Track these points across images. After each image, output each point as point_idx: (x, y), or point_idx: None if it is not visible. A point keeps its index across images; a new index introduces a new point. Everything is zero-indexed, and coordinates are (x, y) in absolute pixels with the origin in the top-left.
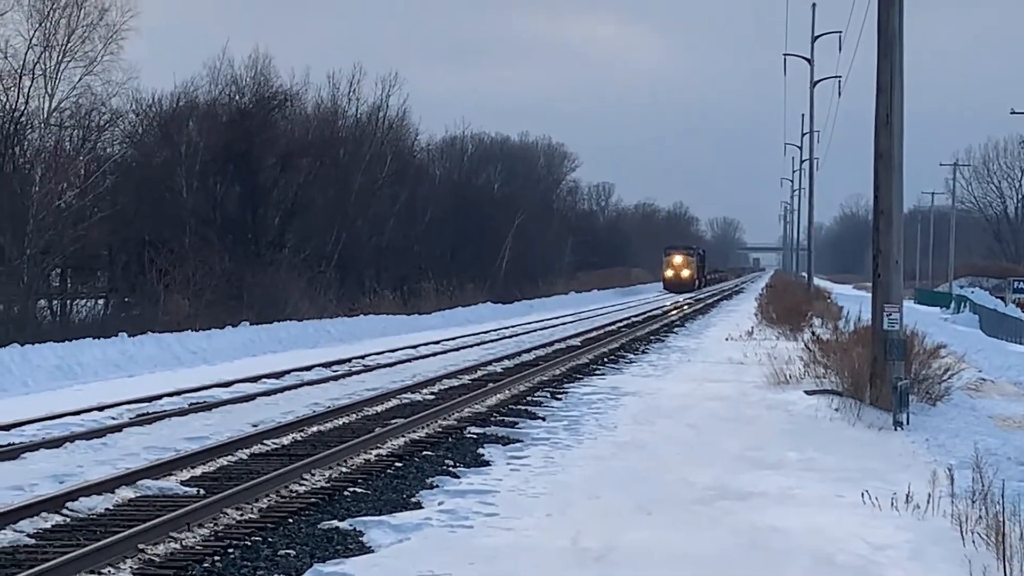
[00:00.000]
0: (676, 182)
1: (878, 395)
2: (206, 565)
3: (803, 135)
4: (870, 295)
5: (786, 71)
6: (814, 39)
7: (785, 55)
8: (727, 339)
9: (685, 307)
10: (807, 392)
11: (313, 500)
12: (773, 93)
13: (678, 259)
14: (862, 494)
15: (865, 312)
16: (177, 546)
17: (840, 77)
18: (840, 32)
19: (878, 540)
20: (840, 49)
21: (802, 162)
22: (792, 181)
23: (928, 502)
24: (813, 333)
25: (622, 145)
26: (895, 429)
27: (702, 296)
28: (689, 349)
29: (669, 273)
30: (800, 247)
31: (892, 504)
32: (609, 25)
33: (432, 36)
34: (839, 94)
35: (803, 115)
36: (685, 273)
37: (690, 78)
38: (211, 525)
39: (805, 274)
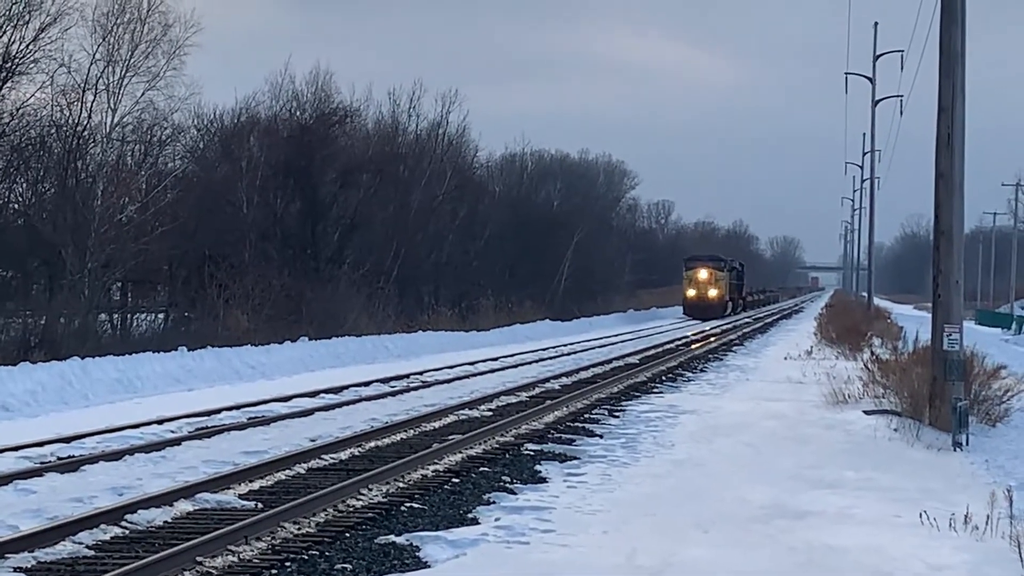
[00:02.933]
0: (736, 200)
1: (937, 415)
2: None
3: (864, 154)
4: (930, 315)
5: (847, 90)
6: (876, 58)
7: (847, 74)
8: (786, 358)
9: (744, 327)
10: (866, 412)
11: (370, 515)
12: (834, 111)
13: (703, 274)
14: (920, 514)
15: (925, 332)
16: (235, 559)
17: (902, 96)
18: (902, 51)
19: (936, 561)
20: (902, 68)
21: (863, 181)
22: (853, 200)
23: (987, 523)
24: (872, 353)
25: (682, 163)
26: (954, 450)
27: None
28: (747, 368)
29: (691, 293)
30: (860, 266)
31: (950, 525)
32: (671, 44)
33: (492, 53)
34: (901, 113)
35: (864, 134)
36: (712, 293)
37: (751, 96)
38: (269, 539)
39: (865, 294)
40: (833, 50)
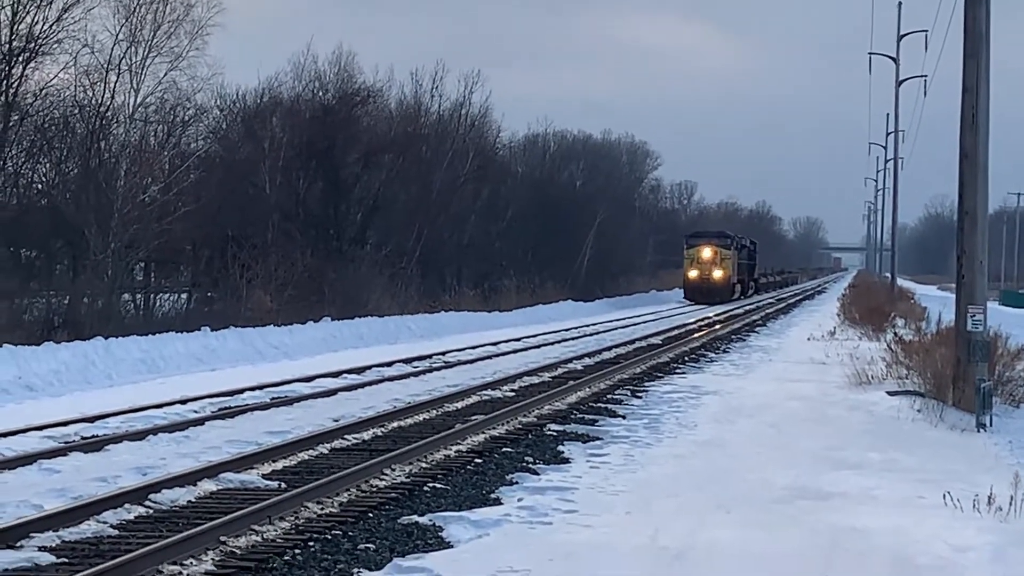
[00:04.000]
0: (759, 181)
1: (961, 397)
2: (287, 558)
3: (888, 134)
4: (954, 296)
5: (871, 70)
6: (900, 38)
7: (870, 54)
8: (809, 339)
9: (767, 308)
10: (889, 393)
11: (393, 495)
12: (858, 92)
13: (706, 253)
14: (944, 496)
15: (948, 313)
16: (258, 539)
17: (926, 76)
18: (926, 31)
19: (960, 542)
20: (926, 48)
21: (887, 161)
22: (876, 181)
23: (1011, 504)
24: (896, 334)
25: (705, 144)
26: (978, 431)
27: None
28: (770, 348)
29: (692, 274)
30: (884, 247)
31: (974, 506)
32: (694, 25)
33: (514, 35)
34: (924, 93)
35: (888, 114)
36: (717, 274)
37: (774, 77)
38: (292, 518)
39: (888, 274)
40: (857, 30)
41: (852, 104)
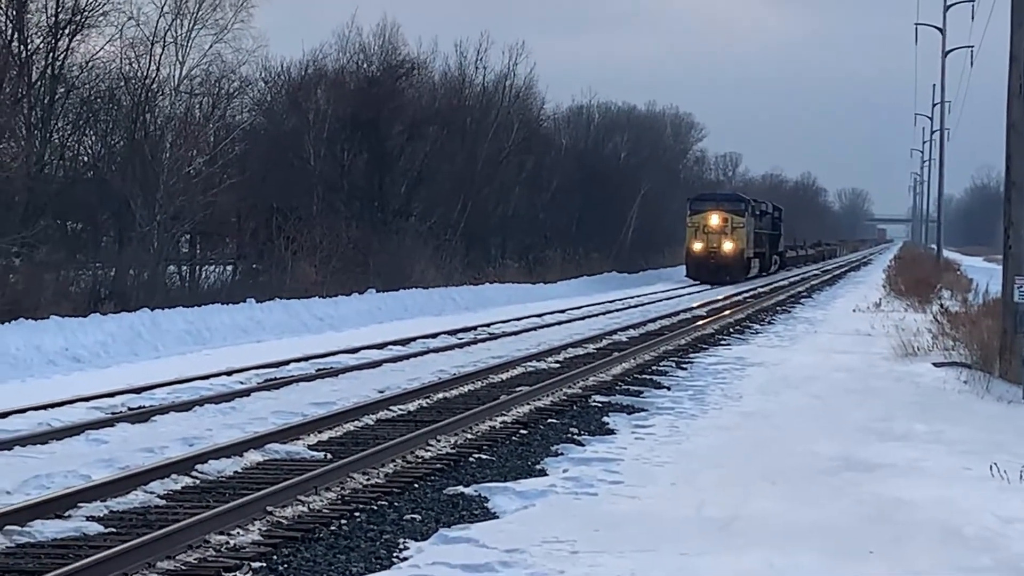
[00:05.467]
0: (804, 152)
1: (1007, 368)
2: (333, 528)
3: (934, 105)
4: (1000, 267)
5: (917, 40)
6: (947, 8)
7: (916, 24)
8: (854, 310)
9: (812, 279)
10: (935, 364)
11: (439, 466)
12: (904, 62)
13: (714, 220)
14: (990, 467)
15: (995, 285)
16: (304, 509)
17: (972, 47)
18: (973, 1)
19: (1007, 513)
20: (972, 18)
21: (932, 133)
22: (922, 152)
23: None
24: (942, 305)
25: (750, 116)
26: None
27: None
28: (816, 320)
29: (697, 246)
30: (930, 219)
31: (1021, 477)
32: None
33: (558, 6)
34: (971, 64)
35: (934, 85)
36: (728, 247)
37: (819, 47)
38: (338, 489)
39: (934, 246)
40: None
41: (899, 74)
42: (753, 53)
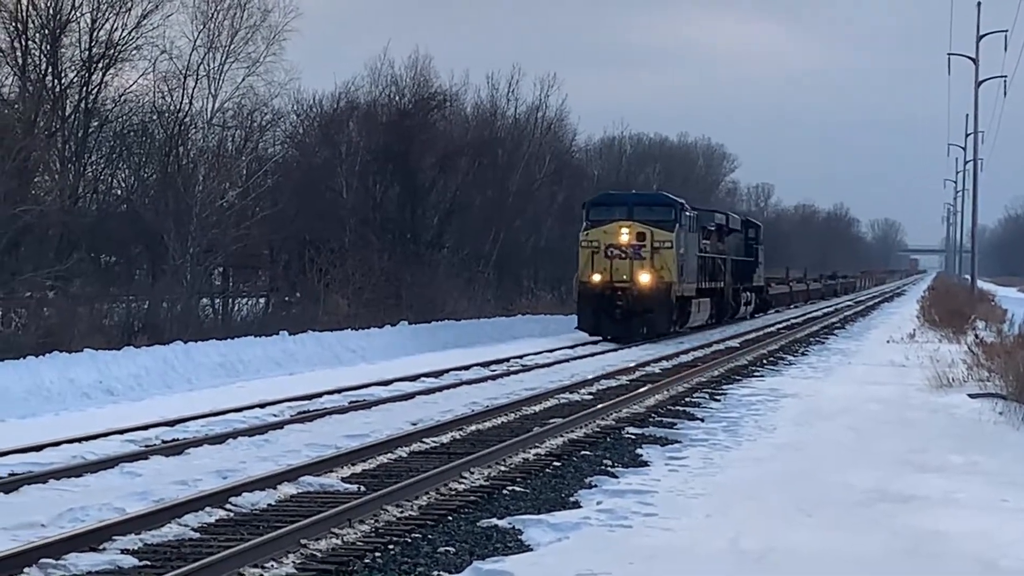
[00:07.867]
0: (836, 183)
1: None
2: (367, 561)
3: (967, 135)
4: None
5: (950, 71)
6: (979, 38)
7: (949, 54)
8: (888, 341)
9: (845, 310)
10: (971, 395)
11: (472, 498)
12: (937, 92)
13: (623, 235)
14: None
15: None
16: (338, 542)
17: (1006, 76)
18: (1006, 31)
19: None
20: (1006, 48)
21: (966, 163)
22: (955, 182)
23: None
24: (977, 336)
25: (782, 146)
26: None
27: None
28: (849, 351)
29: (596, 278)
30: (963, 249)
31: None
32: (768, 26)
33: (589, 39)
34: (1004, 94)
35: (967, 115)
36: (644, 279)
37: (851, 78)
38: (372, 521)
39: (968, 276)
40: (934, 31)
41: (932, 104)
42: (785, 86)
